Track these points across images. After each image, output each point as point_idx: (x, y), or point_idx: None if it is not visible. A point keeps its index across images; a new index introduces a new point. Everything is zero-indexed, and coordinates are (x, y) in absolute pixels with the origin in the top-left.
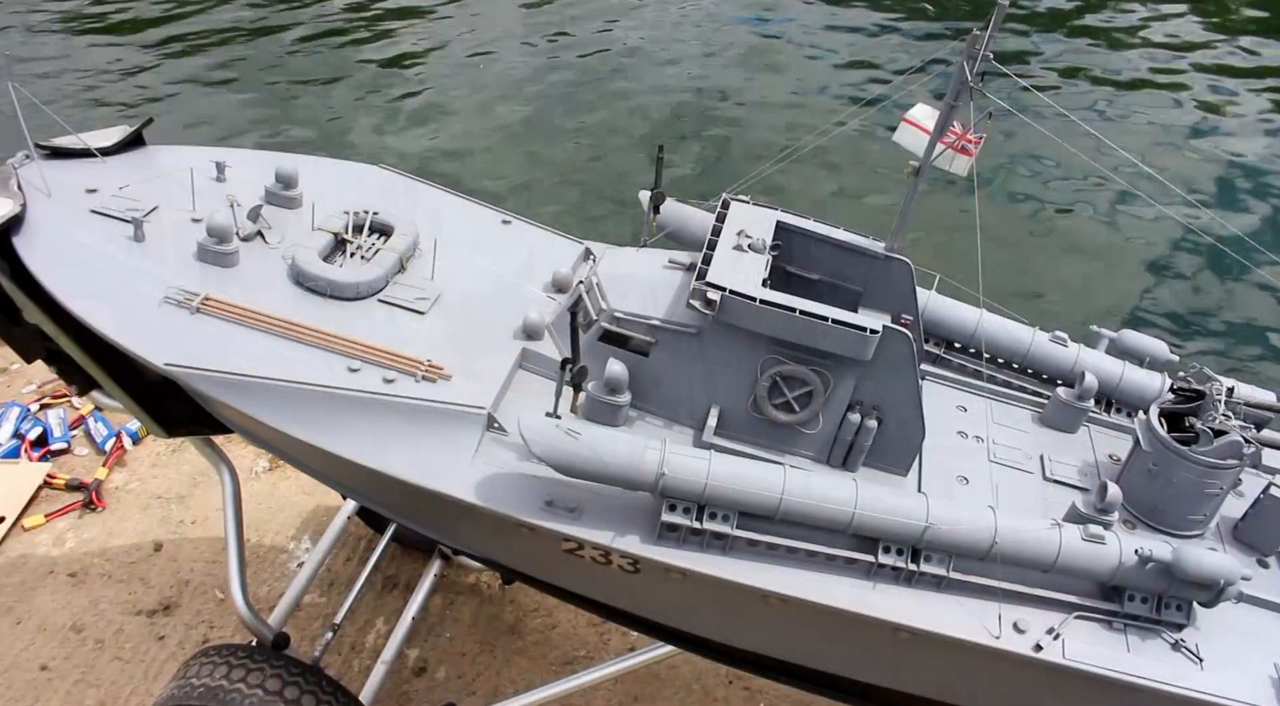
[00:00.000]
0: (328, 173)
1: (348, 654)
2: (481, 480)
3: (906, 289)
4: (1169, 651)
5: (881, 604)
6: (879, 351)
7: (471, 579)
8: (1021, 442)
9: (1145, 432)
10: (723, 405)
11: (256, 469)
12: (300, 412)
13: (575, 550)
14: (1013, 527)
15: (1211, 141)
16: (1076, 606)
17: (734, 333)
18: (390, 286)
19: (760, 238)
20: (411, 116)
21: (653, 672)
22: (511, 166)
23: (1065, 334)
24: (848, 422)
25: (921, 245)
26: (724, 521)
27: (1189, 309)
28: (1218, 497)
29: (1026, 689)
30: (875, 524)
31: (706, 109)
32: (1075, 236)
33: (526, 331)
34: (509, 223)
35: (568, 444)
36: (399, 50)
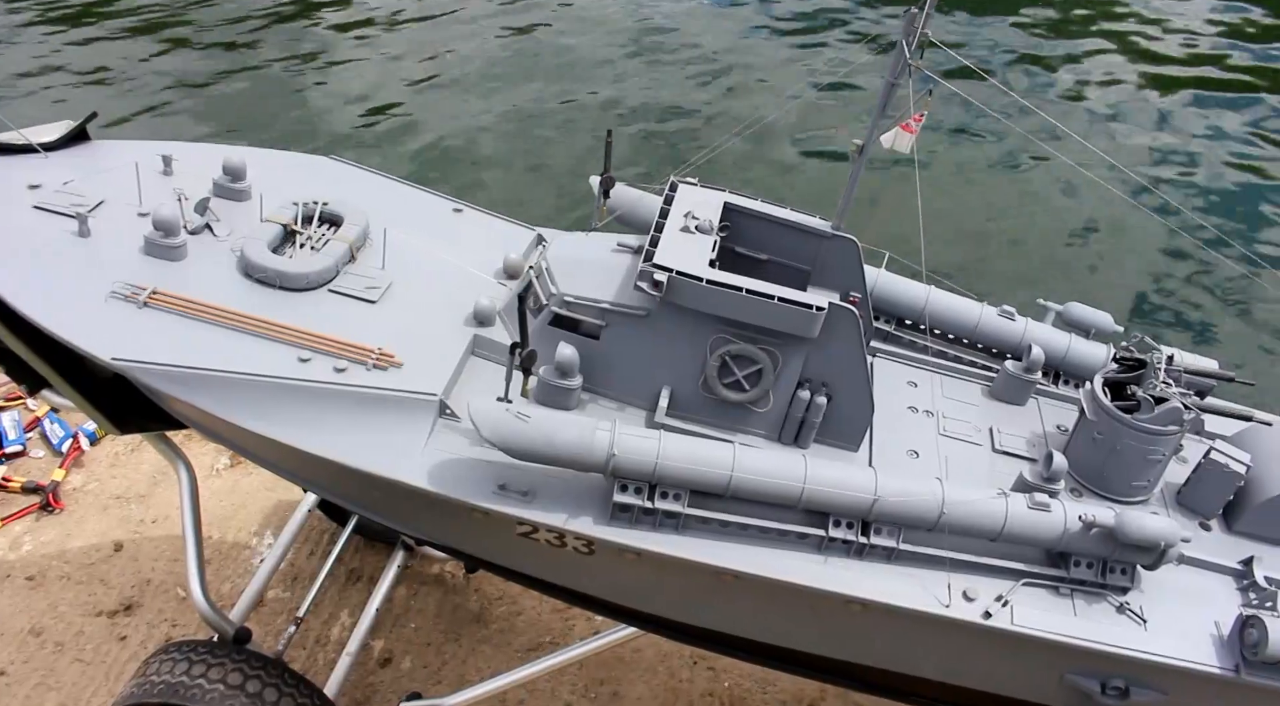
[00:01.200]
0: (277, 164)
1: (313, 647)
2: (434, 466)
3: (854, 267)
4: (1114, 614)
5: (833, 577)
6: (826, 329)
7: (435, 569)
8: (971, 416)
9: (1089, 402)
10: (674, 386)
11: (218, 466)
12: (250, 404)
13: (530, 533)
14: (960, 498)
15: (1151, 120)
16: (1024, 573)
17: (682, 313)
18: (341, 276)
19: (707, 219)
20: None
21: (617, 656)
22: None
23: (1013, 308)
24: (798, 400)
25: (875, 225)
26: (676, 500)
27: (1136, 282)
28: (1160, 463)
29: (978, 656)
30: (825, 498)
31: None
32: (1023, 213)
33: (478, 318)
34: (460, 210)
35: (518, 427)
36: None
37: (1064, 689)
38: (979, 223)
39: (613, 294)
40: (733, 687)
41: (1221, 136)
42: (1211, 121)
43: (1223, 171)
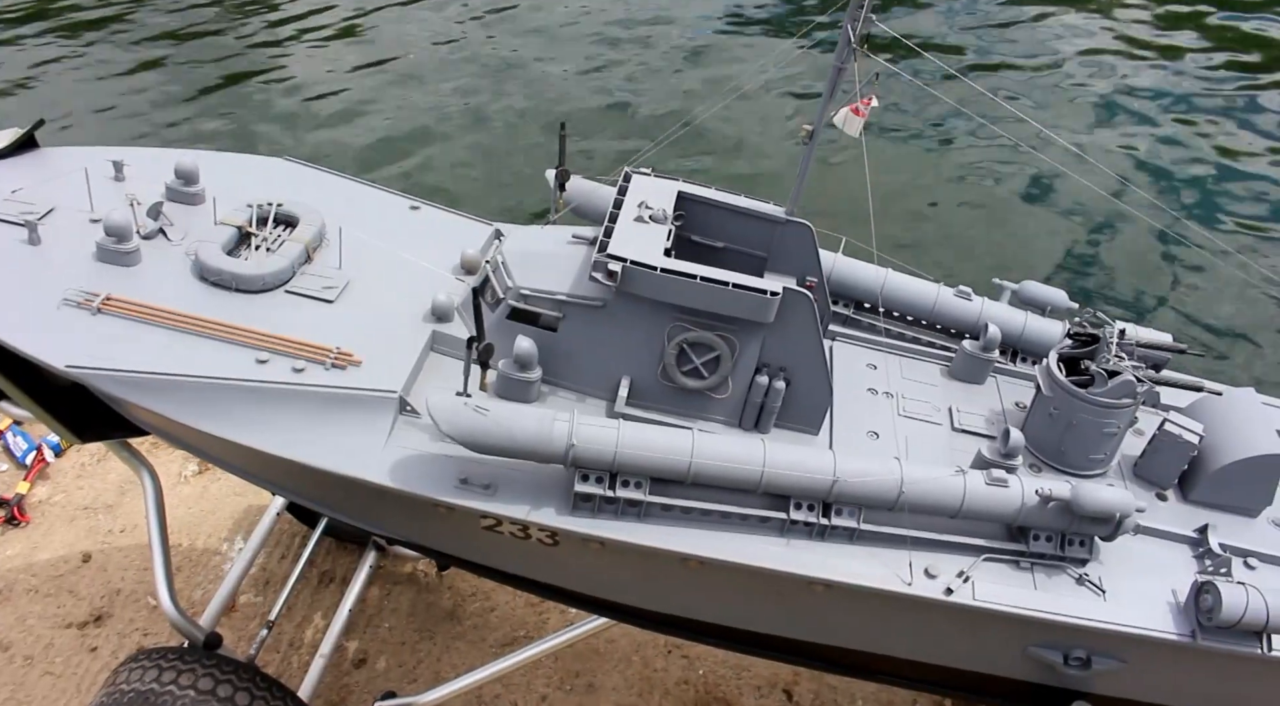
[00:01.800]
0: (230, 167)
1: (286, 650)
2: (396, 463)
3: (809, 251)
4: (1074, 586)
5: (795, 559)
6: (781, 313)
7: (408, 568)
8: (930, 396)
9: (1045, 378)
10: (633, 375)
11: (185, 472)
12: (209, 408)
13: (494, 527)
14: (918, 477)
15: (1106, 99)
16: (985, 549)
17: (639, 303)
18: (297, 277)
19: (661, 208)
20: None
21: (592, 648)
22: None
23: (969, 288)
24: (756, 385)
25: (835, 210)
26: (636, 488)
27: (1089, 258)
28: (1116, 436)
29: (942, 632)
30: (784, 481)
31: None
32: (978, 194)
33: (436, 314)
34: (417, 208)
35: (476, 421)
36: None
37: (1027, 661)
38: (946, 205)
39: (569, 286)
40: (707, 675)
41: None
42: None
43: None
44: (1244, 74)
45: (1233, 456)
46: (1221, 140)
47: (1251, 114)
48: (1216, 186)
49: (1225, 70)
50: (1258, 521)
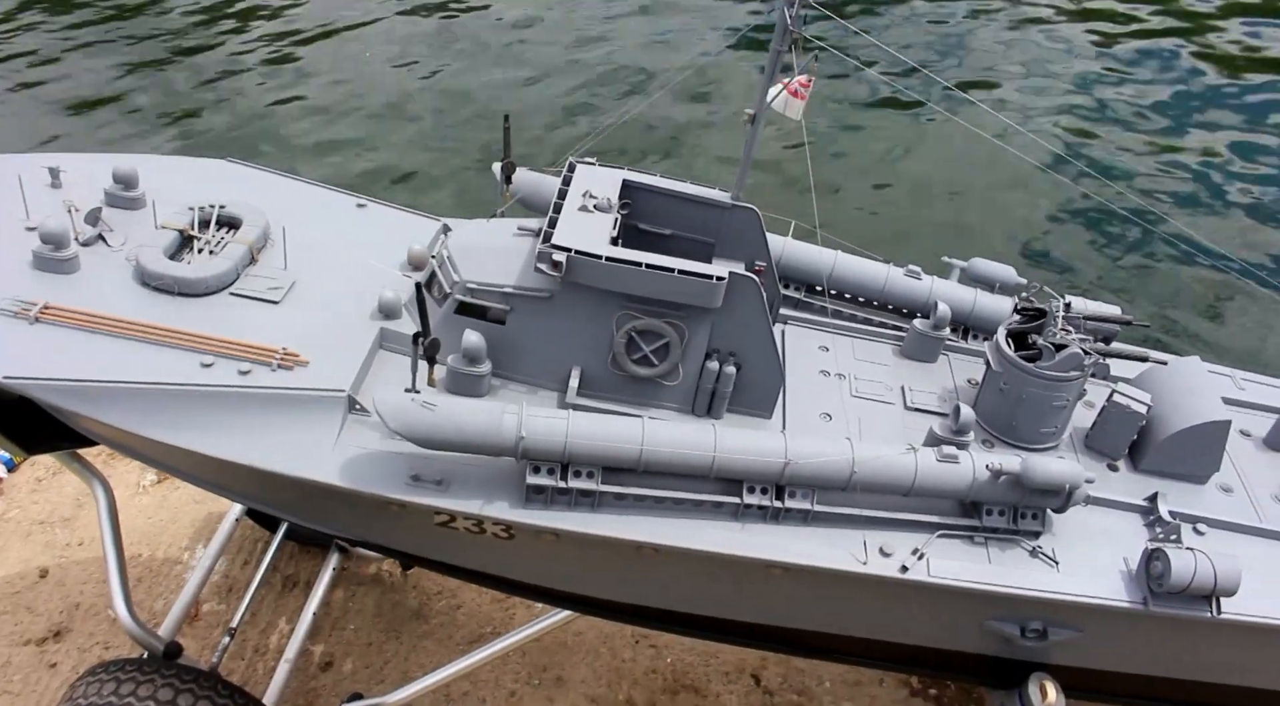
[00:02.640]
0: (171, 169)
1: (251, 657)
2: (346, 462)
3: (757, 236)
4: (1028, 558)
5: (750, 543)
6: (729, 298)
7: (372, 569)
8: (883, 376)
9: (994, 354)
10: (583, 365)
11: (144, 482)
12: (154, 414)
13: (448, 523)
14: (869, 456)
15: (1045, 77)
16: (939, 525)
17: (586, 292)
18: (242, 278)
19: (606, 197)
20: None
21: (560, 641)
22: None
23: (919, 268)
24: (707, 371)
25: (786, 194)
26: (589, 478)
27: (1036, 234)
28: (1066, 409)
29: (900, 610)
30: (736, 465)
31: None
32: (922, 175)
33: (384, 311)
34: (364, 205)
35: (424, 416)
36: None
37: (985, 635)
38: (883, 187)
39: (516, 278)
40: (675, 663)
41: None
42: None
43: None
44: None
45: (1180, 425)
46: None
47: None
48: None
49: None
50: (1207, 488)
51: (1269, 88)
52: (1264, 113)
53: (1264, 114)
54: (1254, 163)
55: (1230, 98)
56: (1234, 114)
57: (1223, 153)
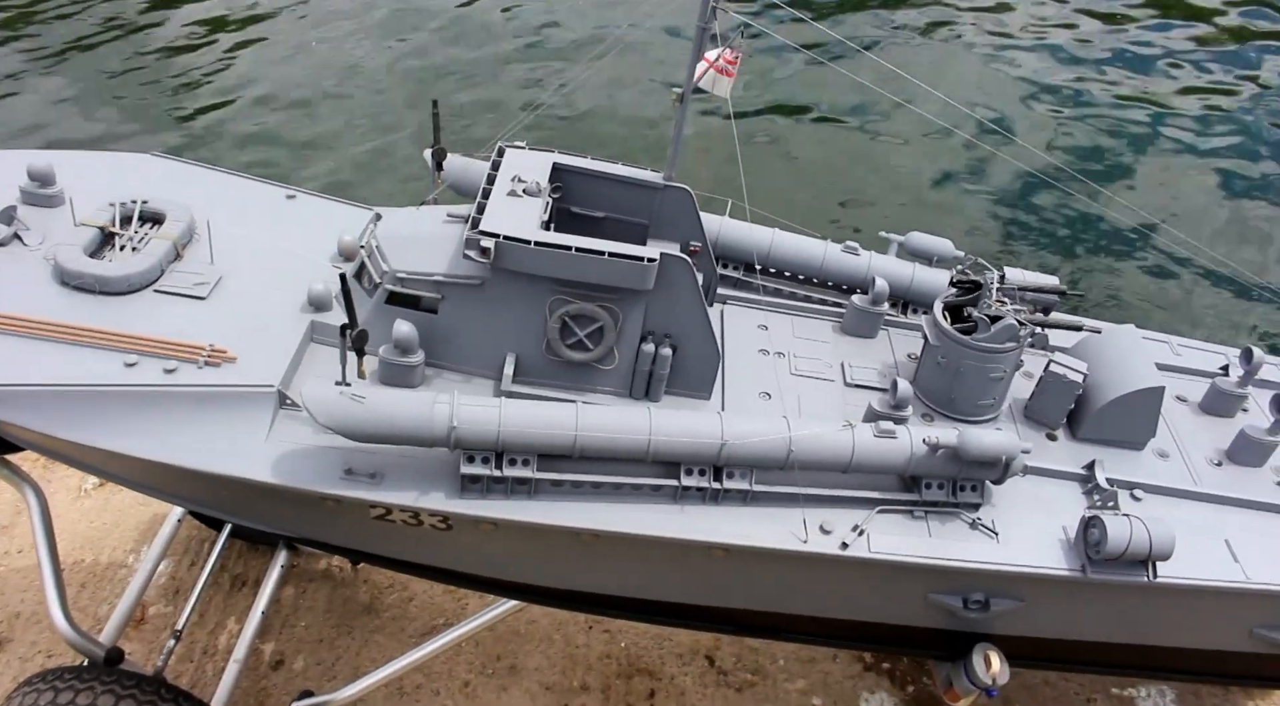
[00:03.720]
0: (90, 165)
1: (200, 658)
2: (278, 458)
3: (691, 216)
4: (968, 531)
5: (689, 525)
6: (662, 279)
7: (322, 565)
8: (823, 353)
9: (930, 328)
10: (518, 352)
11: (86, 486)
12: (77, 416)
13: (384, 516)
14: (807, 434)
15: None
16: (879, 501)
17: (517, 278)
18: (166, 275)
19: (535, 181)
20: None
21: (513, 630)
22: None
23: (856, 243)
24: (643, 354)
25: (728, 173)
26: (524, 466)
27: (973, 208)
28: (1003, 380)
29: (843, 587)
30: (672, 448)
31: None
32: (859, 151)
33: (314, 303)
34: (294, 197)
35: (353, 409)
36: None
37: (929, 608)
38: (822, 165)
39: (446, 266)
40: (629, 647)
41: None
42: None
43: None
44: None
45: (1115, 392)
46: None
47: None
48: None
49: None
50: (1144, 454)
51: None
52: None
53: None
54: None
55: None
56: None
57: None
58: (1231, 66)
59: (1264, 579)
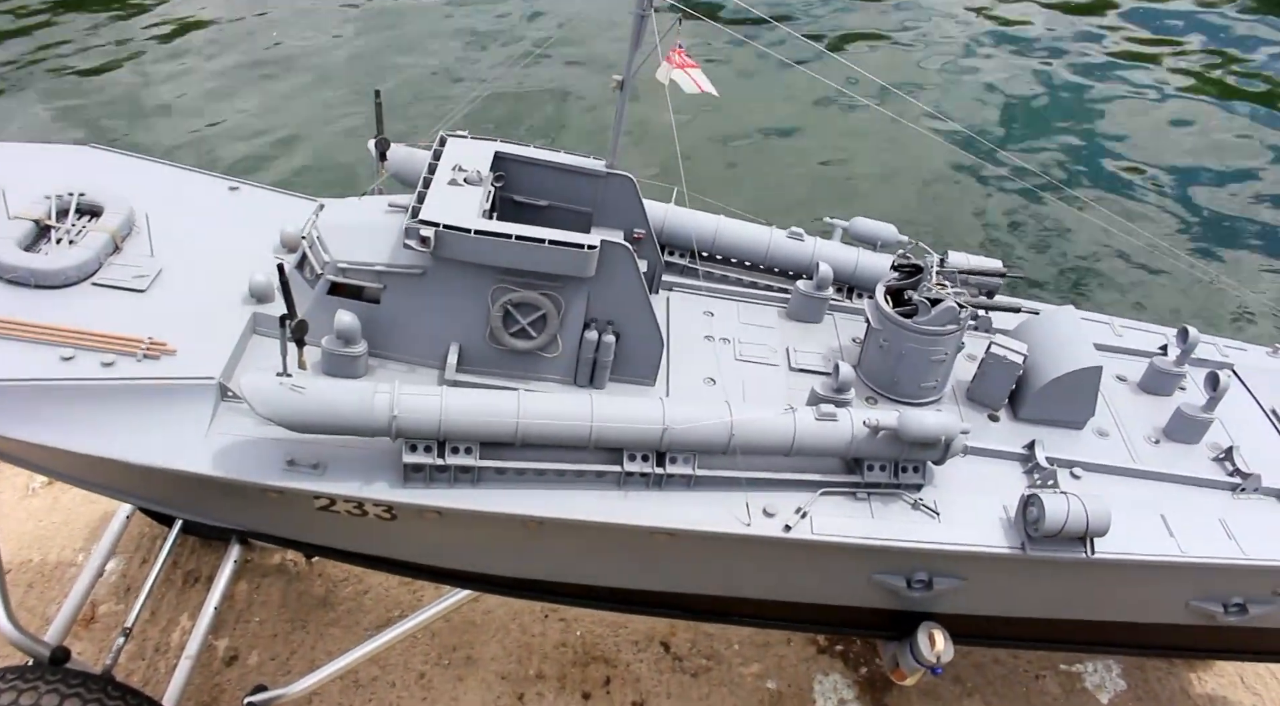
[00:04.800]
0: (26, 157)
1: (152, 656)
2: (219, 451)
3: (634, 203)
4: (909, 511)
5: (633, 510)
6: (603, 266)
7: (276, 559)
8: (768, 338)
9: (872, 312)
10: (461, 341)
11: (33, 485)
12: (12, 412)
13: (329, 507)
14: (748, 418)
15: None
16: (822, 483)
17: (459, 267)
18: (105, 268)
19: (476, 170)
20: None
21: (469, 620)
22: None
23: (801, 229)
24: (587, 341)
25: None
26: (467, 454)
27: (914, 195)
28: (945, 363)
29: (788, 569)
30: (614, 433)
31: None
32: (805, 139)
33: (256, 295)
34: (237, 189)
35: (293, 400)
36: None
37: (873, 589)
38: (768, 152)
39: (388, 256)
40: (585, 635)
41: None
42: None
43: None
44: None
45: (1054, 373)
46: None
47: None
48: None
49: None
50: (1084, 433)
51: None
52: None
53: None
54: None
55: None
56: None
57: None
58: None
59: (1198, 552)
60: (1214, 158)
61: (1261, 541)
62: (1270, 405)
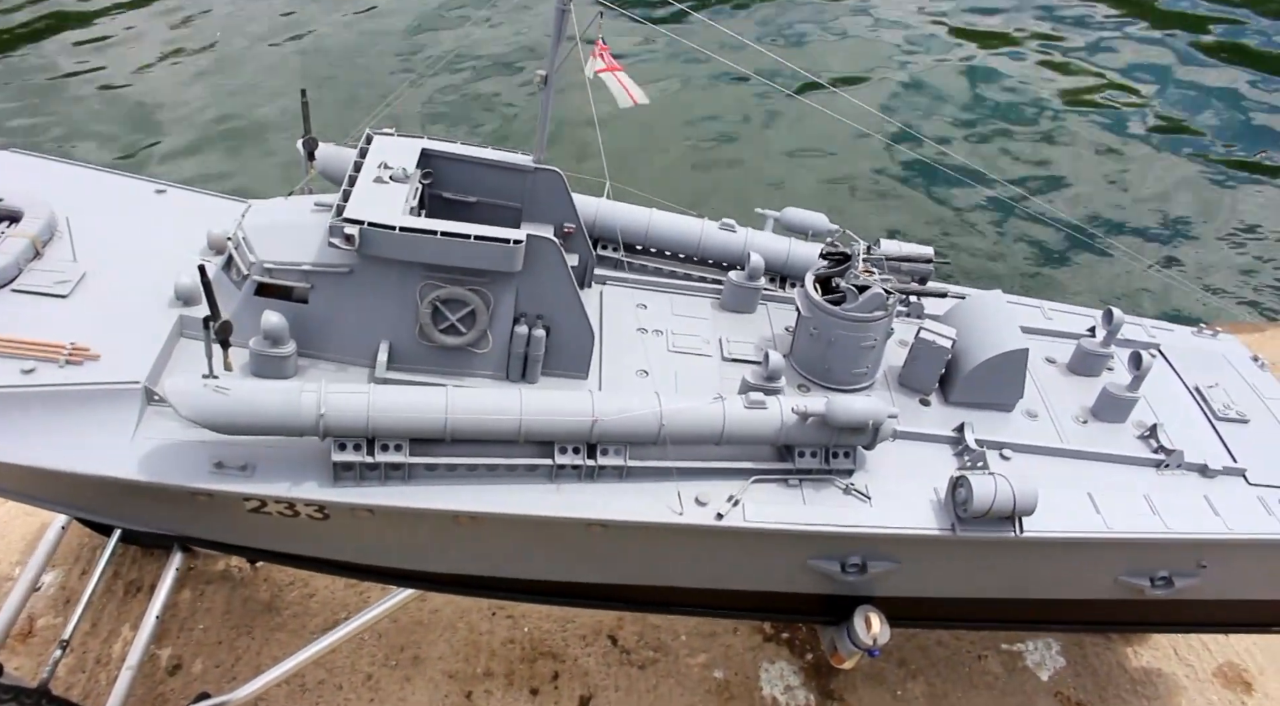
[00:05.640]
0: None
1: (93, 668)
2: (145, 455)
3: (563, 198)
4: (841, 496)
5: (564, 503)
6: (531, 261)
7: (220, 566)
8: (701, 329)
9: (802, 300)
10: (391, 339)
11: None
12: None
13: (260, 508)
14: (678, 409)
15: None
16: (754, 471)
17: (386, 265)
18: (25, 274)
19: (401, 167)
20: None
21: (416, 620)
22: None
23: (733, 220)
24: (517, 336)
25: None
26: (396, 451)
27: (843, 181)
28: (875, 349)
29: (724, 557)
30: (544, 427)
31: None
32: (734, 129)
33: (182, 297)
34: (163, 191)
35: (217, 402)
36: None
37: (810, 574)
38: (699, 145)
39: (314, 255)
40: (532, 631)
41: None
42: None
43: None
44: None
45: (982, 356)
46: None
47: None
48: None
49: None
50: (1013, 415)
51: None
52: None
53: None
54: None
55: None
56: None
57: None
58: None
59: (1124, 528)
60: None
61: (1184, 515)
62: (1194, 383)
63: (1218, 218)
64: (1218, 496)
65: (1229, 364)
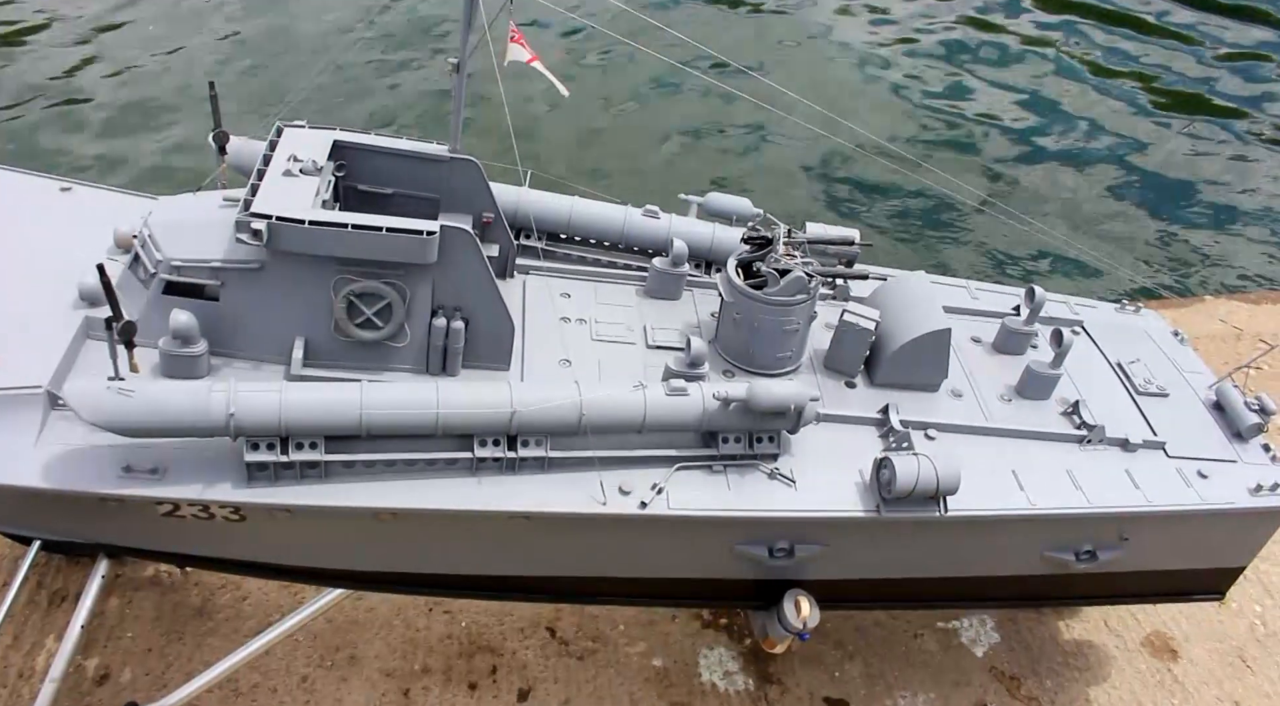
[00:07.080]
0: None
1: (15, 682)
2: (49, 461)
3: (480, 188)
4: (766, 480)
5: (485, 496)
6: (445, 252)
7: (149, 572)
8: (625, 317)
9: (724, 285)
10: (306, 335)
11: None
12: None
13: (173, 512)
14: (596, 397)
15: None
16: (678, 458)
17: (297, 260)
18: None
19: (311, 159)
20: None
21: (351, 619)
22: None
23: (656, 206)
24: (435, 328)
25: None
26: (311, 449)
27: (767, 168)
28: (798, 332)
29: (650, 545)
30: (462, 419)
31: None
32: (659, 118)
33: (86, 299)
34: (69, 189)
35: (121, 404)
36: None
37: (737, 560)
38: (624, 131)
39: (224, 251)
40: (470, 626)
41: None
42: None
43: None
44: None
45: (906, 337)
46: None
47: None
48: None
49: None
50: (939, 395)
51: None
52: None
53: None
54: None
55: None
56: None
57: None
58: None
59: (1047, 504)
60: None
61: (1106, 489)
62: (1116, 358)
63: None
64: (1139, 470)
65: (1150, 339)
